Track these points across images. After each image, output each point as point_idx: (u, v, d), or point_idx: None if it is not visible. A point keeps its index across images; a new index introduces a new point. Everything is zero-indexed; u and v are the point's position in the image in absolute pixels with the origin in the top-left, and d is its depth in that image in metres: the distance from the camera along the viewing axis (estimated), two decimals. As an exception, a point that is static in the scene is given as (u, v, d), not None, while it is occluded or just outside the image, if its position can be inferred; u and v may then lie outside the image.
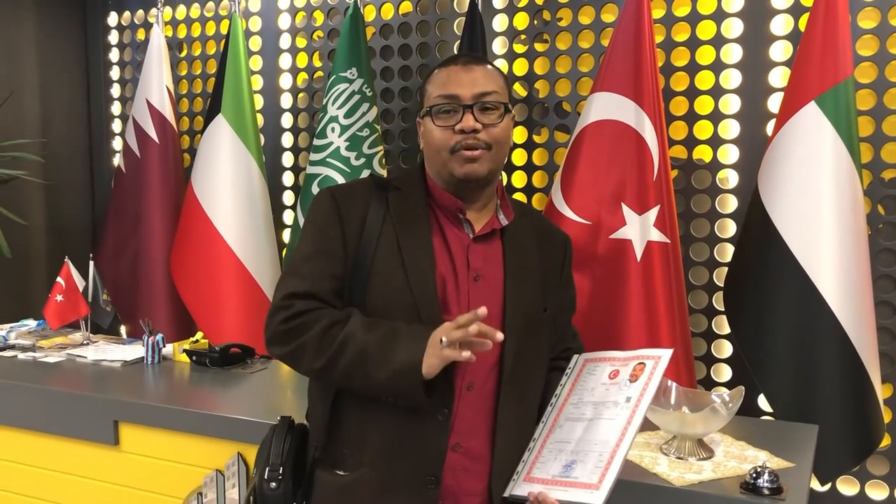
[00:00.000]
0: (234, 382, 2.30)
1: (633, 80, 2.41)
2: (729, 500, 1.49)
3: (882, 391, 2.33)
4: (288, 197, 3.46)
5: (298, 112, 3.42)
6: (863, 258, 2.24)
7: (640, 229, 2.38)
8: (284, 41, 3.42)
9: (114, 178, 3.49)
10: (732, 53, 2.65)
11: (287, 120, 3.45)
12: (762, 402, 2.56)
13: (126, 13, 3.77)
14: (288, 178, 3.47)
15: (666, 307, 2.36)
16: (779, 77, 2.59)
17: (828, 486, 2.53)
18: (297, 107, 3.42)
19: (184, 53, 3.64)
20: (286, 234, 3.34)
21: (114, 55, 3.83)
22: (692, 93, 2.70)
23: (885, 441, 2.44)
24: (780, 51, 2.59)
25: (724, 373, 2.72)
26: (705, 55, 2.68)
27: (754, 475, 1.50)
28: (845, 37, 2.24)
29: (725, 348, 2.71)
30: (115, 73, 3.84)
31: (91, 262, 2.87)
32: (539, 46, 2.93)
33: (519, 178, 3.01)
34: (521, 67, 2.97)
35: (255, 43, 3.46)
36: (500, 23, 2.99)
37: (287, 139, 3.44)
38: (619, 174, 2.41)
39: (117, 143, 3.85)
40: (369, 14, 3.20)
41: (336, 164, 2.90)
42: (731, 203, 2.67)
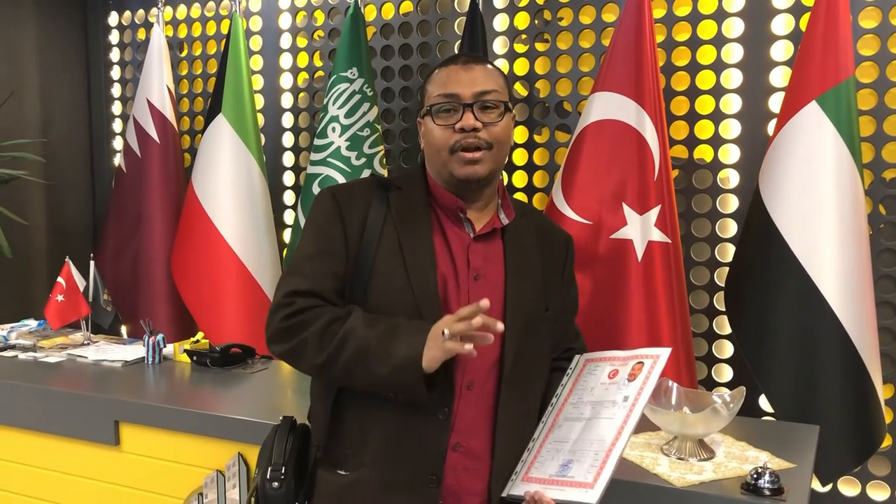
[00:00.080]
0: (235, 383, 2.30)
1: (634, 79, 2.41)
2: (730, 500, 1.48)
3: (883, 391, 2.33)
4: (289, 197, 3.46)
5: (299, 112, 3.42)
6: (864, 258, 2.24)
7: (640, 229, 2.38)
8: (285, 41, 3.42)
9: (114, 178, 3.50)
10: (733, 53, 2.65)
11: (288, 120, 3.45)
12: (763, 402, 2.56)
13: (127, 13, 3.77)
14: (289, 177, 3.47)
15: (667, 307, 2.36)
16: (780, 77, 2.58)
17: (829, 486, 2.52)
18: (297, 106, 3.42)
19: (184, 53, 3.64)
20: (287, 234, 3.34)
21: (114, 55, 3.83)
22: (693, 92, 2.70)
23: (887, 441, 2.44)
24: (781, 50, 2.59)
25: (726, 373, 2.72)
26: (706, 55, 2.68)
27: (755, 476, 1.50)
28: (846, 36, 2.24)
29: (726, 348, 2.71)
30: (115, 72, 3.84)
31: (92, 262, 2.87)
32: (540, 46, 2.92)
33: (520, 178, 3.01)
34: (521, 67, 2.97)
35: (256, 42, 3.46)
36: (500, 22, 2.99)
37: (288, 139, 3.44)
38: (620, 174, 2.41)
39: (118, 143, 3.85)
40: (370, 14, 3.20)
41: (337, 164, 2.90)
42: (732, 203, 2.67)
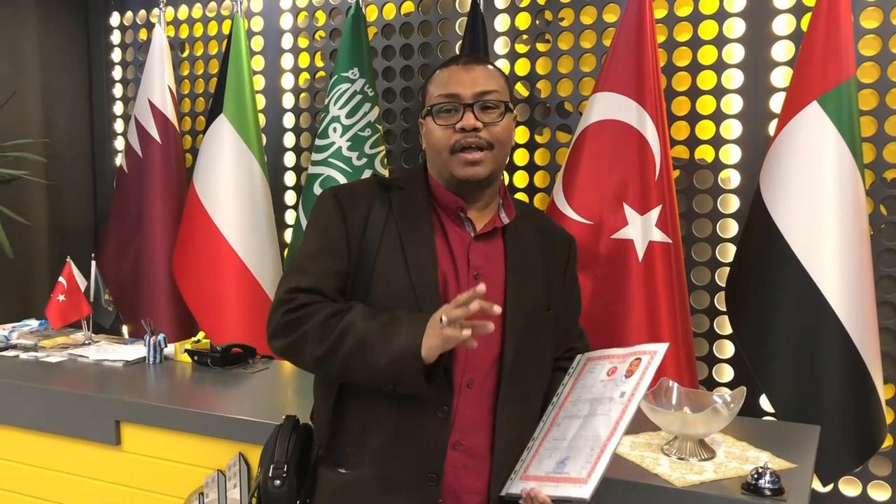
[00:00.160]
0: (236, 382, 2.30)
1: (634, 80, 2.41)
2: (730, 500, 1.48)
3: (884, 392, 2.32)
4: (290, 197, 3.46)
5: (300, 112, 3.42)
6: (865, 258, 2.24)
7: (641, 229, 2.38)
8: (286, 41, 3.42)
9: (116, 178, 3.50)
10: (734, 53, 2.65)
11: (289, 120, 3.45)
12: (764, 402, 2.56)
13: (128, 13, 3.77)
14: (290, 178, 3.47)
15: (667, 307, 2.36)
16: (781, 77, 2.58)
17: (830, 486, 2.52)
18: (298, 107, 3.42)
19: (186, 53, 3.64)
20: (288, 234, 3.34)
21: (116, 55, 3.83)
22: (694, 93, 2.70)
23: (888, 442, 2.44)
24: (783, 50, 2.59)
25: (726, 373, 2.72)
26: (707, 55, 2.68)
27: (756, 476, 1.50)
28: (847, 37, 2.24)
29: (727, 348, 2.71)
30: (117, 72, 3.84)
31: (93, 262, 2.87)
32: (541, 46, 2.93)
33: (521, 178, 3.01)
34: (522, 67, 2.97)
35: (257, 43, 3.46)
36: (501, 23, 2.99)
37: (289, 139, 3.45)
38: (621, 174, 2.41)
39: (119, 143, 3.85)
40: (371, 14, 3.20)
41: (338, 164, 2.90)
42: (732, 203, 2.67)
